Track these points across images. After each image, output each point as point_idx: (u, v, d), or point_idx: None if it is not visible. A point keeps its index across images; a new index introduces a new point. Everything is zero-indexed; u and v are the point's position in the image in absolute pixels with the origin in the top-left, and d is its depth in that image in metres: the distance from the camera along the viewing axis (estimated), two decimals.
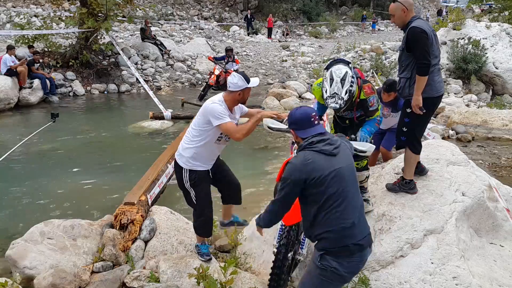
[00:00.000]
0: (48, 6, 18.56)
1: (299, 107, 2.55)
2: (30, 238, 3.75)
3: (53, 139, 8.15)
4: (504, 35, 13.59)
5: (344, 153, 2.42)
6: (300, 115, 2.46)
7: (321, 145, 2.34)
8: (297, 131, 2.47)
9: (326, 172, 2.29)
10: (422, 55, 3.21)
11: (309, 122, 2.43)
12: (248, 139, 8.88)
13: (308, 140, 2.38)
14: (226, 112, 3.16)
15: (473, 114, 8.91)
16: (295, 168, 2.33)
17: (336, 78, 3.09)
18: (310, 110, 2.51)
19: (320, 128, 2.46)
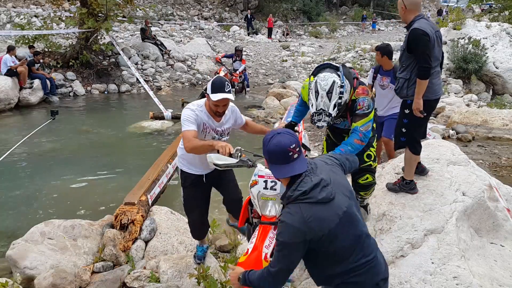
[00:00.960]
0: (48, 6, 18.55)
1: (276, 133, 1.97)
2: (31, 238, 3.75)
3: (54, 139, 8.16)
4: (504, 35, 13.58)
5: (338, 185, 2.00)
6: (274, 147, 1.93)
7: (317, 193, 1.89)
8: (270, 166, 2.01)
9: (332, 224, 1.90)
10: (423, 59, 3.17)
11: (285, 157, 1.92)
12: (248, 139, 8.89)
13: (296, 189, 1.91)
14: (194, 117, 2.90)
15: (474, 114, 8.90)
16: (295, 231, 1.88)
17: (321, 91, 2.65)
18: (287, 140, 1.94)
19: (299, 165, 1.95)
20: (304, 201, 1.88)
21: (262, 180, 2.58)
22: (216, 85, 2.84)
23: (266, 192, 2.58)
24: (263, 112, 10.30)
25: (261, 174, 2.60)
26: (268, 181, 2.58)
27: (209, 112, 3.00)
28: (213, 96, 2.81)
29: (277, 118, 9.85)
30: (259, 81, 15.56)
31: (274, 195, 2.58)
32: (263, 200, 2.58)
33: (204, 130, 3.04)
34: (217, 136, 3.14)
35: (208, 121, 3.02)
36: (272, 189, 2.58)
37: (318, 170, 1.98)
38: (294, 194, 1.91)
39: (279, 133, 1.96)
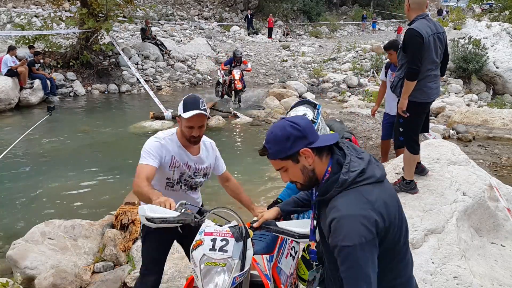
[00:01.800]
0: (49, 6, 18.56)
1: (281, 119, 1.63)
2: (31, 238, 3.75)
3: (54, 139, 8.16)
4: (505, 35, 13.58)
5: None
6: (304, 121, 1.57)
7: (373, 169, 1.53)
8: (312, 144, 1.54)
9: (395, 210, 1.54)
10: (411, 60, 3.17)
11: (312, 127, 1.60)
12: (248, 139, 8.86)
13: (349, 170, 1.50)
14: (158, 149, 2.35)
15: (474, 113, 8.90)
16: (365, 222, 1.40)
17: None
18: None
19: (326, 135, 1.66)
20: (362, 183, 1.48)
21: (209, 238, 1.89)
22: (189, 102, 2.33)
23: (213, 255, 1.85)
24: (263, 112, 10.30)
25: (208, 231, 1.92)
26: (217, 239, 1.88)
27: (181, 141, 2.44)
28: (185, 114, 2.29)
29: (277, 118, 9.84)
30: (259, 81, 15.56)
31: (223, 259, 1.84)
32: (208, 267, 1.85)
33: (173, 165, 2.43)
34: (189, 173, 2.51)
35: (179, 152, 2.43)
36: (222, 250, 1.86)
37: (354, 147, 1.63)
38: (350, 176, 1.48)
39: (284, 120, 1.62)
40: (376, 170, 1.53)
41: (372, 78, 14.72)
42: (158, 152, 2.35)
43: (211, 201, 5.16)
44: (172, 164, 2.43)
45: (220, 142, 8.37)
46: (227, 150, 7.84)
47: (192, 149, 2.49)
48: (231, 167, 3.87)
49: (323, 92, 13.92)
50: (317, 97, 13.05)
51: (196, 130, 2.36)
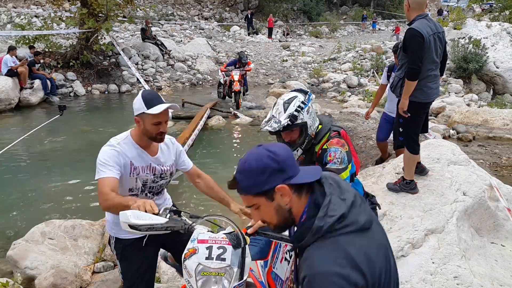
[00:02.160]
0: (49, 6, 18.57)
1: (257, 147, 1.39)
2: (31, 238, 3.75)
3: (54, 139, 8.16)
4: (505, 35, 13.57)
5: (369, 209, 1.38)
6: (284, 151, 1.34)
7: (356, 213, 1.27)
8: (290, 179, 1.31)
9: (382, 263, 1.27)
10: (412, 60, 3.17)
11: (293, 159, 1.37)
12: (248, 139, 8.85)
13: (326, 215, 1.25)
14: (115, 157, 2.10)
15: (474, 113, 8.89)
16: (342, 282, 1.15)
17: (279, 101, 2.44)
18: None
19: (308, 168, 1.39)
20: (341, 231, 1.22)
21: (204, 246, 1.75)
22: (150, 97, 2.14)
23: (210, 264, 1.72)
24: (264, 112, 10.30)
25: (202, 238, 1.78)
26: (214, 246, 1.75)
27: (139, 142, 2.22)
28: (152, 110, 2.08)
29: None
30: (259, 81, 15.56)
31: (222, 268, 1.72)
32: (205, 277, 1.72)
33: (133, 172, 2.20)
34: (152, 178, 2.27)
35: (139, 156, 2.21)
36: (220, 258, 1.73)
37: (339, 188, 1.34)
38: (326, 222, 1.22)
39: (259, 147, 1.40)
40: (360, 215, 1.26)
41: (372, 78, 14.72)
42: (115, 161, 2.09)
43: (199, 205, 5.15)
44: (132, 171, 2.19)
45: (220, 142, 8.37)
46: (227, 150, 7.85)
47: (150, 149, 2.26)
48: (231, 167, 3.86)
49: (323, 92, 13.92)
50: (317, 97, 13.05)
51: (163, 125, 2.18)
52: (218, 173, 6.49)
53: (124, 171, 2.15)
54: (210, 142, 8.30)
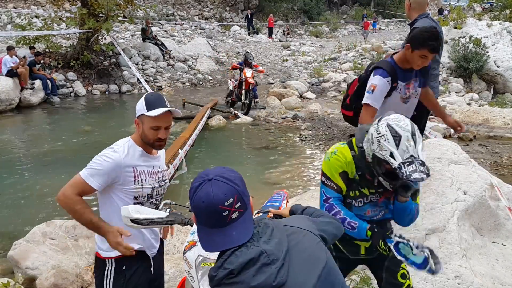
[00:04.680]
0: (49, 6, 18.58)
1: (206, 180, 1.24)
2: (32, 238, 3.75)
3: (55, 139, 8.17)
4: (506, 34, 13.55)
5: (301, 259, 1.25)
6: (200, 202, 1.22)
7: (250, 275, 1.16)
8: (198, 227, 1.29)
9: None
10: None
11: (217, 218, 1.22)
12: (248, 139, 8.84)
13: (221, 266, 1.19)
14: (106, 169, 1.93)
15: (475, 113, 8.89)
16: None
17: (404, 133, 1.79)
18: (220, 192, 1.21)
19: (240, 230, 1.23)
20: (231, 286, 1.17)
21: None
22: (152, 99, 2.00)
23: (210, 255, 1.73)
24: (264, 112, 10.30)
25: None
26: None
27: (142, 146, 2.05)
28: (151, 112, 1.94)
29: (278, 118, 9.83)
30: (260, 80, 15.54)
31: None
32: (206, 267, 1.73)
33: (138, 178, 1.99)
34: (156, 185, 2.09)
35: (141, 160, 2.03)
36: None
37: (266, 235, 1.24)
38: (217, 274, 1.19)
39: (210, 180, 1.23)
40: (255, 276, 1.15)
41: None
42: (107, 173, 1.92)
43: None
44: (137, 178, 1.99)
45: (221, 142, 8.38)
46: (227, 150, 7.85)
47: (151, 151, 2.09)
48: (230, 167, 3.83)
49: (323, 91, 13.91)
50: (317, 96, 13.05)
51: (162, 132, 1.99)
52: None
53: (124, 181, 1.96)
54: (210, 142, 8.30)
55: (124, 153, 1.97)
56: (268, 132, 8.83)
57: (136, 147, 2.04)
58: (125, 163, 1.96)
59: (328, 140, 8.06)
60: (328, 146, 7.76)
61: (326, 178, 2.01)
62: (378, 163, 1.82)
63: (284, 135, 8.63)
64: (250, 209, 1.28)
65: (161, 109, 1.94)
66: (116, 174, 1.94)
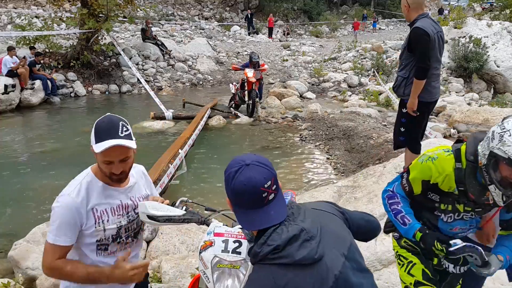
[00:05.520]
0: (49, 7, 18.59)
1: (244, 164, 1.34)
2: (32, 238, 3.76)
3: (55, 139, 8.17)
4: (506, 34, 13.55)
5: (331, 239, 1.36)
6: (242, 185, 1.30)
7: (294, 249, 1.26)
8: (236, 211, 1.39)
9: None
10: (421, 58, 3.17)
11: (257, 199, 1.31)
12: (248, 139, 8.83)
13: (265, 243, 1.28)
14: (66, 222, 1.65)
15: (475, 112, 8.88)
16: None
17: None
18: (260, 175, 1.31)
19: (277, 210, 1.33)
20: (276, 262, 1.26)
21: (220, 239, 1.83)
22: (102, 128, 1.69)
23: (226, 257, 1.78)
24: (264, 112, 10.30)
25: (219, 232, 1.86)
26: (230, 240, 1.82)
27: (103, 179, 1.77)
28: (97, 146, 1.67)
29: (278, 118, 9.83)
30: None
31: (237, 261, 1.78)
32: (221, 269, 1.78)
33: (99, 220, 1.72)
34: (127, 218, 1.81)
35: (102, 197, 1.75)
36: (235, 252, 1.80)
37: (300, 215, 1.36)
38: (262, 250, 1.28)
39: (248, 165, 1.32)
40: (299, 251, 1.25)
41: (373, 78, 14.71)
42: (69, 223, 1.66)
43: (211, 200, 5.15)
44: (97, 221, 1.71)
45: (221, 142, 8.37)
46: (227, 150, 7.85)
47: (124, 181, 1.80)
48: None
49: (323, 91, 13.91)
50: (317, 96, 13.05)
51: (117, 166, 1.68)
52: (218, 173, 6.50)
53: (85, 225, 1.69)
54: (210, 142, 8.31)
55: (77, 195, 1.69)
56: (268, 132, 8.83)
57: (96, 181, 1.75)
58: (81, 206, 1.68)
59: (328, 140, 8.05)
60: (328, 146, 7.76)
61: (407, 176, 1.90)
62: (495, 165, 1.58)
63: (284, 135, 8.62)
64: (281, 191, 1.40)
65: (108, 142, 1.63)
66: (77, 220, 1.67)
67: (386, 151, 6.56)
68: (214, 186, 5.98)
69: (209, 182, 6.20)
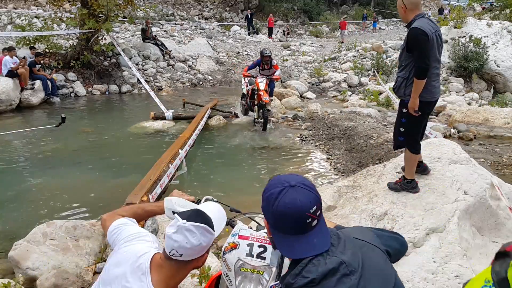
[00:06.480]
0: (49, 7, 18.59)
1: (288, 186, 1.25)
2: (33, 239, 3.75)
3: (55, 139, 8.16)
4: (506, 33, 13.55)
5: (374, 275, 1.26)
6: (286, 208, 1.22)
7: (332, 283, 1.17)
8: (274, 234, 1.29)
9: None
10: (420, 58, 3.17)
11: (300, 225, 1.23)
12: (248, 139, 8.82)
13: (300, 274, 1.20)
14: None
15: (475, 112, 8.88)
16: None
17: None
18: (306, 199, 1.23)
19: (320, 238, 1.24)
20: None
21: (245, 243, 1.79)
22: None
23: (250, 261, 1.76)
24: None
25: (244, 235, 1.83)
26: (255, 244, 1.79)
27: None
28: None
29: (278, 118, 9.83)
30: None
31: (261, 266, 1.75)
32: (244, 273, 1.76)
33: None
34: None
35: None
36: (260, 257, 1.77)
37: (340, 246, 1.25)
38: (296, 282, 1.19)
39: (293, 186, 1.24)
40: (337, 286, 1.16)
41: (373, 77, 14.71)
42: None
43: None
44: None
45: (221, 142, 8.37)
46: (227, 150, 7.85)
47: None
48: (231, 168, 3.83)
49: (323, 91, 13.91)
50: (317, 96, 13.05)
51: None
52: (218, 173, 6.50)
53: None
54: (210, 142, 8.30)
55: None
56: (268, 132, 8.83)
57: None
58: None
59: (328, 140, 8.05)
60: (328, 146, 7.76)
61: None
62: None
63: (284, 135, 8.62)
64: (323, 217, 1.29)
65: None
66: None
67: (386, 151, 6.56)
68: (214, 186, 5.99)
69: (209, 182, 6.20)
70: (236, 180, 6.29)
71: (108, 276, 1.55)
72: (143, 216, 1.90)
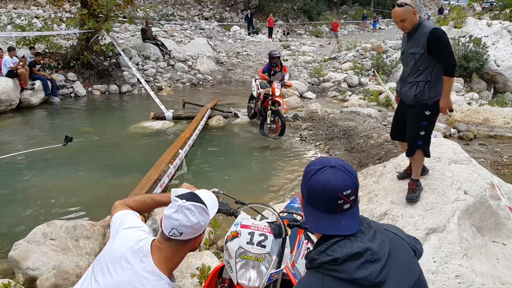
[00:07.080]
0: (49, 7, 18.59)
1: (328, 165, 1.30)
2: (33, 239, 3.75)
3: (55, 140, 8.16)
4: (506, 33, 13.56)
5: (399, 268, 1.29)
6: (320, 185, 1.27)
7: (353, 267, 1.20)
8: (306, 208, 1.34)
9: None
10: (450, 56, 3.22)
11: (331, 205, 1.26)
12: (248, 139, 8.81)
13: (324, 251, 1.25)
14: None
15: (475, 112, 8.88)
16: None
17: None
18: (341, 181, 1.26)
19: (349, 222, 1.28)
20: (331, 274, 1.22)
21: (247, 231, 1.88)
22: None
23: (251, 249, 1.83)
24: None
25: (246, 224, 1.91)
26: (256, 233, 1.87)
27: None
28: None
29: None
30: None
31: (260, 254, 1.82)
32: (244, 260, 1.83)
33: None
34: None
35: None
36: (260, 245, 1.84)
37: (369, 234, 1.28)
38: (319, 258, 1.24)
39: (333, 167, 1.28)
40: (358, 270, 1.19)
41: (373, 77, 14.71)
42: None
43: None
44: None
45: (221, 142, 8.37)
46: (227, 150, 7.85)
47: None
48: (231, 167, 3.84)
49: (323, 91, 13.91)
50: (317, 96, 13.04)
51: None
52: (218, 173, 6.50)
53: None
54: (210, 142, 8.30)
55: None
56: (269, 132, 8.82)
57: None
58: None
59: (328, 140, 8.05)
60: (328, 146, 7.76)
61: None
62: None
63: (284, 135, 8.62)
64: (358, 206, 1.33)
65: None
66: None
67: (386, 151, 6.56)
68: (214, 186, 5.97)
69: (209, 182, 6.20)
70: (236, 179, 6.29)
71: (105, 258, 1.63)
72: (152, 205, 2.03)
